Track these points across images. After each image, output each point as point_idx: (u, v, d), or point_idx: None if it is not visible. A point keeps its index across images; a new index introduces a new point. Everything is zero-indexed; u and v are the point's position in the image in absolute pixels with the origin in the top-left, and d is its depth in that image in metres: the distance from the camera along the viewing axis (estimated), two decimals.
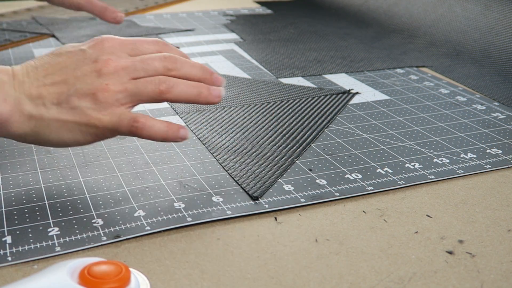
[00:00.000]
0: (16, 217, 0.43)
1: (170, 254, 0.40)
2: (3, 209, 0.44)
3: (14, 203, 0.45)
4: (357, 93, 0.69)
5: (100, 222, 0.43)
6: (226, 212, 0.45)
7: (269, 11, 1.12)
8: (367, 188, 0.48)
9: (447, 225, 0.44)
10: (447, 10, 0.95)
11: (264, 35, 0.94)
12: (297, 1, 1.20)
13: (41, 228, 0.42)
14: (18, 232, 0.41)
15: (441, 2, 0.98)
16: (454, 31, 0.90)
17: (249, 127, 0.59)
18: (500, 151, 0.55)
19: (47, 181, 0.48)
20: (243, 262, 0.39)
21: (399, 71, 0.78)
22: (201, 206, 0.45)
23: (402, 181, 0.50)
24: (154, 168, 0.51)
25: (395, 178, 0.50)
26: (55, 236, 0.41)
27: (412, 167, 0.52)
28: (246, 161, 0.52)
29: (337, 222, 0.44)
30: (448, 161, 0.53)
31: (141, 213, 0.44)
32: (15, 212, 0.44)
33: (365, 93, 0.70)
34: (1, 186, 0.48)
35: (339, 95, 0.68)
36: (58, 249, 0.40)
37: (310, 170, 0.51)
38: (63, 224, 0.43)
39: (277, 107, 0.64)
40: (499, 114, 0.64)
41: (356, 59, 0.82)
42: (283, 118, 0.61)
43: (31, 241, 0.41)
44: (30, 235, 0.41)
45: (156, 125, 0.45)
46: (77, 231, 0.42)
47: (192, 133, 0.58)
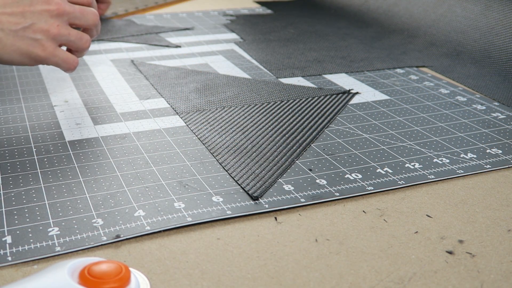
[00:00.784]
0: (16, 217, 0.43)
1: (170, 254, 0.40)
2: (3, 209, 0.44)
3: (14, 203, 0.45)
4: (357, 93, 0.69)
5: (100, 222, 0.43)
6: (226, 212, 0.45)
7: (269, 11, 1.12)
8: (367, 188, 0.48)
9: (447, 225, 0.44)
10: (447, 10, 0.96)
11: (264, 35, 0.94)
12: (297, 1, 1.20)
13: (41, 228, 0.42)
14: (18, 232, 0.41)
15: (441, 2, 0.98)
16: (454, 31, 0.90)
17: (249, 127, 0.59)
18: (500, 151, 0.55)
19: (47, 181, 0.48)
20: (243, 262, 0.39)
21: (399, 71, 0.78)
22: (201, 206, 0.45)
23: (402, 181, 0.50)
24: (154, 168, 0.51)
25: (395, 178, 0.50)
26: (55, 236, 0.41)
27: (412, 167, 0.52)
28: (246, 161, 0.52)
29: (337, 222, 0.44)
30: (448, 161, 0.53)
31: (141, 213, 0.44)
32: (15, 212, 0.44)
33: (365, 93, 0.70)
34: (1, 186, 0.48)
35: (339, 95, 0.68)
36: (58, 249, 0.40)
37: (310, 170, 0.51)
38: (63, 224, 0.43)
39: (277, 107, 0.64)
40: (499, 114, 0.64)
41: (356, 59, 0.82)
42: (283, 118, 0.61)
43: (31, 241, 0.41)
44: (30, 235, 0.41)
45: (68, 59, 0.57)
46: (77, 231, 0.42)
47: (192, 133, 0.58)
